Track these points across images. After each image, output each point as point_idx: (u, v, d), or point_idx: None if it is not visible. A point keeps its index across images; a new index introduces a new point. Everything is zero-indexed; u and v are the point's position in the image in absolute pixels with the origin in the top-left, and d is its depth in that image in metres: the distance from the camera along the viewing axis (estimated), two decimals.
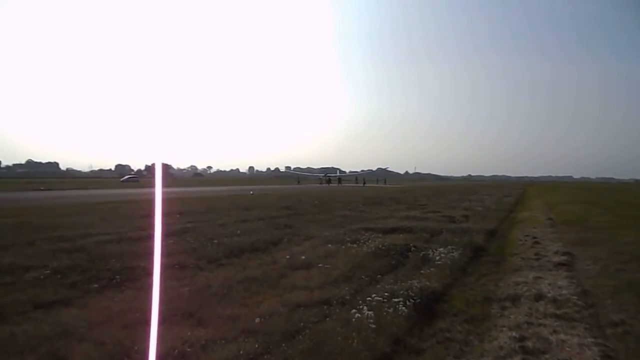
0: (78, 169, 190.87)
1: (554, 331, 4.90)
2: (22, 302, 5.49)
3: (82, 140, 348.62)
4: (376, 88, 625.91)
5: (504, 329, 5.00)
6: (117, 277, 6.77)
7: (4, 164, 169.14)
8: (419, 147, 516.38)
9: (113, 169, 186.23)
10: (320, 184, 79.25)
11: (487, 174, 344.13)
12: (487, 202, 26.93)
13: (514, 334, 4.80)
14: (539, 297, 6.19)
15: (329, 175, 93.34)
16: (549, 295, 6.27)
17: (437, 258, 8.43)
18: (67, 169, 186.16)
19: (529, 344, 4.54)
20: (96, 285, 6.40)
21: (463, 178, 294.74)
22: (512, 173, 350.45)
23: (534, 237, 11.84)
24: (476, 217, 17.11)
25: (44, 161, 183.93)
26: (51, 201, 24.53)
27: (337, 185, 75.02)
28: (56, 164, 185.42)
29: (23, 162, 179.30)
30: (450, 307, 5.91)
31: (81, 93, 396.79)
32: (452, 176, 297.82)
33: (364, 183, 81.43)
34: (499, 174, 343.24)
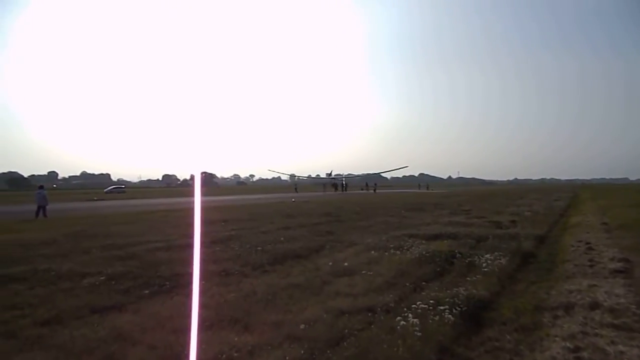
0: (128, 180, 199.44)
1: (612, 342, 4.65)
2: (80, 307, 5.79)
3: (131, 153, 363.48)
4: (414, 91, 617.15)
5: (557, 338, 4.78)
6: (167, 283, 7.01)
7: (60, 176, 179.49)
8: (463, 151, 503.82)
9: (160, 178, 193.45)
10: (324, 191, 66.93)
11: (535, 177, 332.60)
12: (535, 206, 25.90)
13: (567, 344, 4.59)
14: (594, 305, 5.88)
15: (335, 180, 77.03)
16: (606, 304, 5.94)
17: (484, 265, 8.20)
18: (118, 179, 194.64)
19: (585, 354, 4.33)
20: (147, 291, 6.65)
21: (509, 182, 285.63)
22: (562, 176, 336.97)
23: (587, 243, 11.26)
24: (524, 222, 16.49)
25: (96, 173, 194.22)
26: (103, 210, 25.75)
27: (341, 192, 63.56)
28: (108, 175, 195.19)
29: (78, 174, 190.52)
30: (498, 315, 5.72)
31: (131, 109, 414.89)
32: (497, 180, 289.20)
33: (375, 189, 70.90)
34: (547, 177, 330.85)
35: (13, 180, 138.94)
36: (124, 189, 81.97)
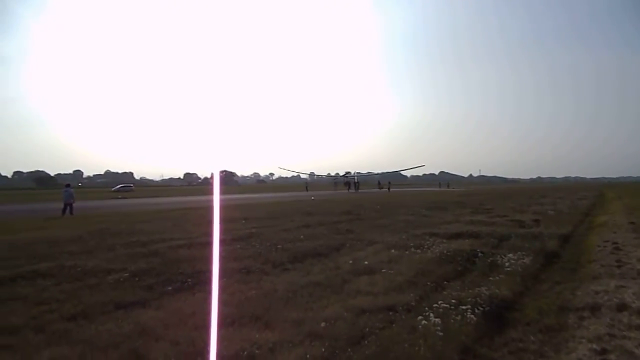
0: (150, 178, 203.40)
1: None
2: (105, 303, 5.90)
3: (154, 152, 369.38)
4: (431, 89, 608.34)
5: (583, 340, 4.68)
6: (189, 280, 7.09)
7: (85, 174, 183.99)
8: (484, 149, 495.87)
9: (182, 177, 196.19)
10: (335, 190, 64.68)
11: (559, 175, 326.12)
12: (559, 205, 25.37)
13: (594, 346, 4.49)
14: (621, 307, 5.72)
15: (347, 179, 73.37)
16: (634, 305, 5.77)
17: (507, 264, 8.08)
18: (140, 178, 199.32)
19: (612, 357, 4.23)
20: (170, 288, 6.74)
21: (532, 180, 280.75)
22: (587, 174, 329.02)
23: (614, 243, 10.96)
24: (548, 221, 16.16)
25: (120, 171, 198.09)
26: (127, 208, 26.24)
27: (354, 191, 60.46)
28: (131, 174, 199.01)
29: (102, 172, 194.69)
30: (522, 315, 5.63)
31: (154, 109, 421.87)
32: (520, 178, 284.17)
33: (389, 188, 67.11)
34: (572, 176, 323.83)
35: (40, 179, 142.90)
36: (132, 187, 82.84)
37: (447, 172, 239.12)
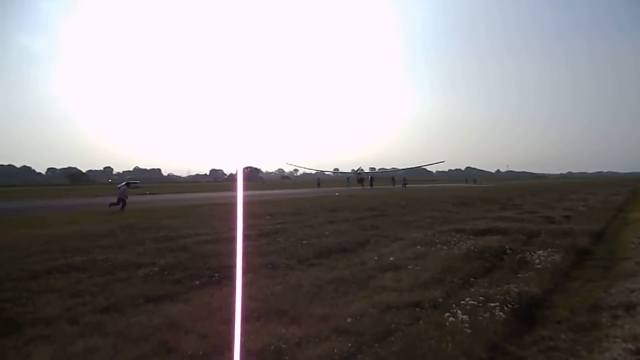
0: (177, 174, 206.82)
1: None
2: (136, 296, 6.05)
3: (181, 148, 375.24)
4: (450, 84, 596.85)
5: (617, 339, 4.54)
6: (216, 275, 7.19)
7: (115, 171, 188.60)
8: (511, 144, 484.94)
9: (208, 173, 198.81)
10: (347, 186, 61.82)
11: (591, 170, 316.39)
12: (591, 201, 24.62)
13: (629, 345, 4.35)
14: None
15: (361, 175, 70.28)
16: None
17: (537, 261, 7.91)
18: (168, 174, 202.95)
19: None
20: (198, 282, 6.86)
21: (562, 176, 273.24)
22: (620, 169, 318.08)
23: None
24: (579, 217, 15.74)
25: (148, 168, 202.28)
26: (155, 204, 26.70)
27: (369, 188, 57.62)
28: (159, 170, 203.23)
29: (131, 169, 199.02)
30: (552, 313, 5.52)
31: (180, 106, 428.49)
32: (549, 174, 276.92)
33: (404, 184, 60.99)
34: (604, 170, 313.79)
35: (72, 175, 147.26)
36: (139, 183, 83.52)
37: (474, 168, 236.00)
